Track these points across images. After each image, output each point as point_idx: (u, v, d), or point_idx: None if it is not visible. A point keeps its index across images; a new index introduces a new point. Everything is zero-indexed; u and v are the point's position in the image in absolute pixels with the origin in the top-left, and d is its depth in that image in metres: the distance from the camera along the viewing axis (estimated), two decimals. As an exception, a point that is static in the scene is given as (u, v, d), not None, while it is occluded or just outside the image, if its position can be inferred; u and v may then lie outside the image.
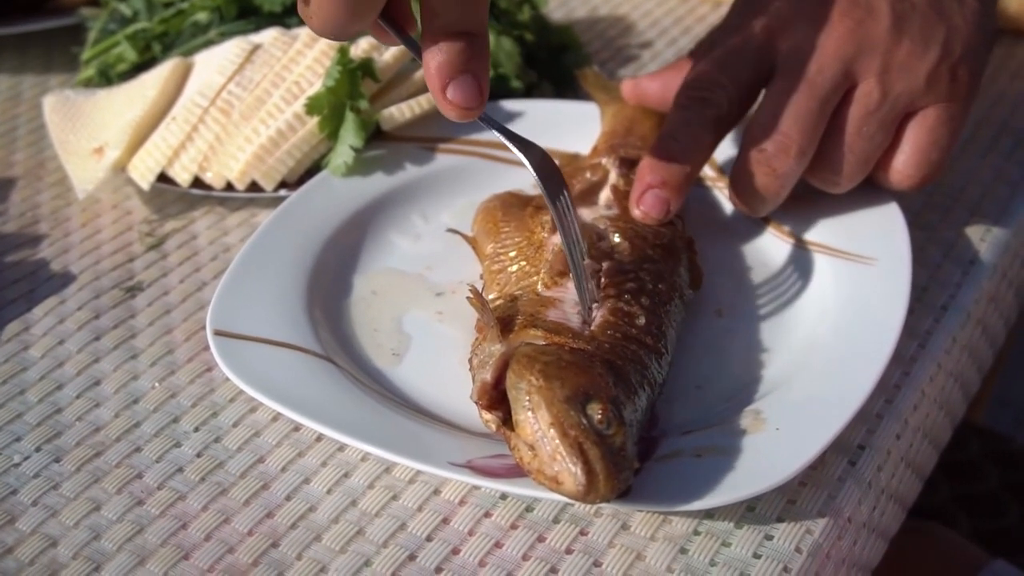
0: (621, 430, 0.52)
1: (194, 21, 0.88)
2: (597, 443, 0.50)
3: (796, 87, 0.65)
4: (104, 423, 0.63)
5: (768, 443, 0.56)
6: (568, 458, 0.50)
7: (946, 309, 0.69)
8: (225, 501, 0.58)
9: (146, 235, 0.78)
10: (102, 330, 0.70)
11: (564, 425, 0.50)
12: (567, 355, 0.54)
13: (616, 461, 0.51)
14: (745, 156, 0.66)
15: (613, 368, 0.55)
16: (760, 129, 0.66)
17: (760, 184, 0.66)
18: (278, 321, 0.64)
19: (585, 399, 0.52)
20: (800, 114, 0.65)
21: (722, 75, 0.68)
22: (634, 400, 0.55)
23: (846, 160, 0.66)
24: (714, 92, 0.68)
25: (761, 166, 0.66)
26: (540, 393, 0.51)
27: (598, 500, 0.50)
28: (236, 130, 0.77)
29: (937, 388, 0.67)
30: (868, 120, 0.65)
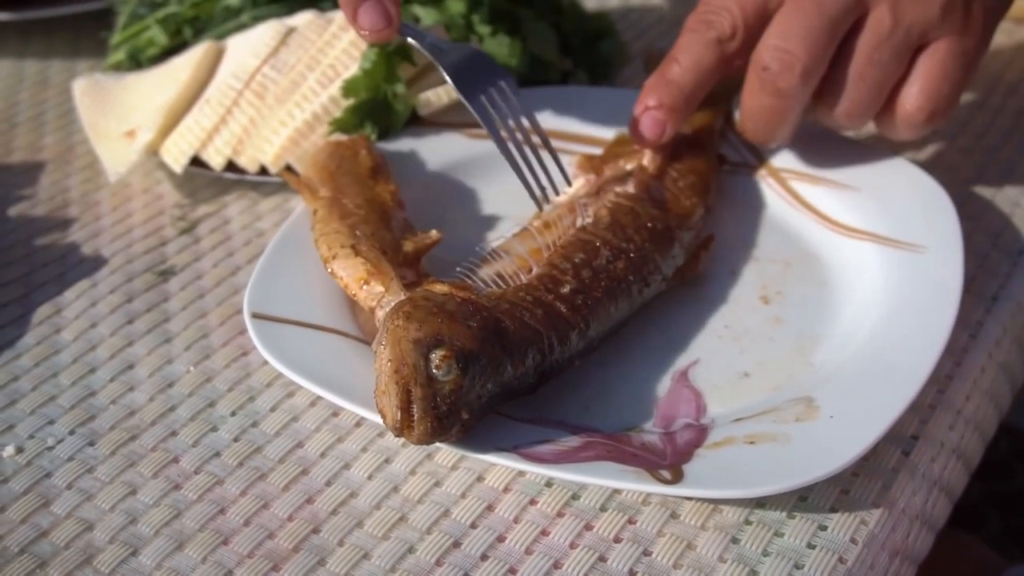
0: (459, 380, 0.52)
1: (226, 5, 0.87)
2: (423, 385, 0.52)
3: (804, 8, 0.64)
4: (139, 407, 0.62)
5: (822, 431, 0.55)
6: (390, 394, 0.52)
7: (996, 299, 0.68)
8: (264, 486, 0.57)
9: (178, 219, 0.76)
10: (135, 313, 0.68)
11: (399, 363, 0.52)
12: (451, 304, 0.54)
13: (438, 407, 0.52)
14: (750, 78, 0.66)
15: (496, 327, 0.55)
16: (765, 48, 0.65)
17: (765, 105, 0.66)
18: (316, 304, 0.63)
19: (434, 344, 0.52)
20: (806, 32, 0.64)
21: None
22: (502, 360, 0.54)
23: (856, 89, 0.66)
24: (719, 14, 0.67)
25: (766, 86, 0.65)
26: (393, 332, 0.53)
27: (413, 440, 0.52)
28: (271, 113, 0.76)
29: (988, 379, 0.66)
30: (880, 48, 0.64)
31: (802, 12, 0.64)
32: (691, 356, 0.62)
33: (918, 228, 0.67)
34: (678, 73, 0.68)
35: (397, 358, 0.52)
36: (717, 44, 0.67)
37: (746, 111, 0.68)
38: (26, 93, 0.92)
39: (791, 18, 0.65)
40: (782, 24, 0.65)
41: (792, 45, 0.64)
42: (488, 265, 0.62)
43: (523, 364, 0.55)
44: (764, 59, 0.65)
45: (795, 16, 0.65)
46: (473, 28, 0.85)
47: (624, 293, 0.62)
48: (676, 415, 0.58)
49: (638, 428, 0.57)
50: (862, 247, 0.68)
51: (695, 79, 0.68)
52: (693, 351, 0.62)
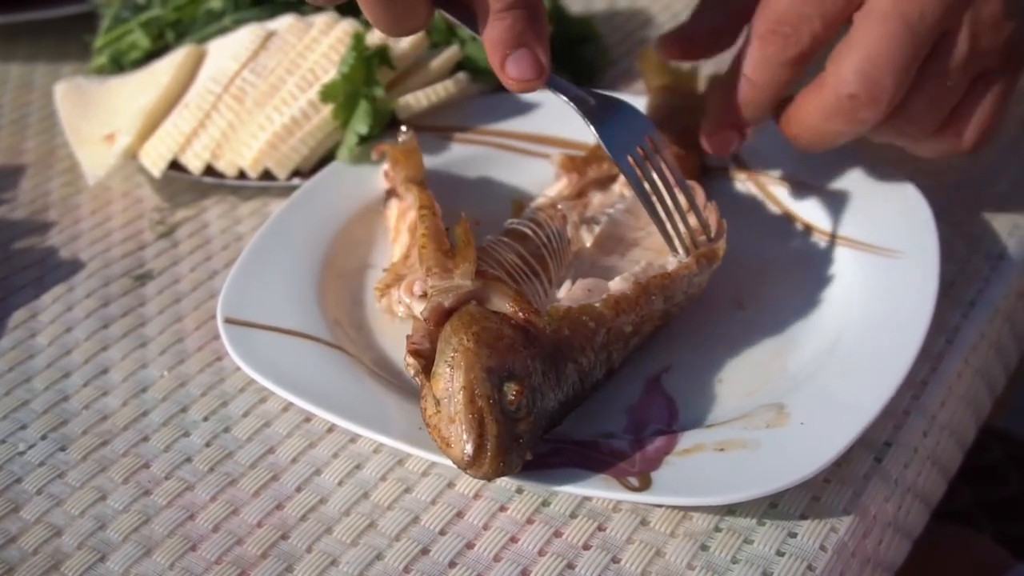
0: (528, 418, 0.51)
1: (208, 9, 0.86)
2: (499, 421, 0.50)
3: (895, 32, 0.59)
4: (112, 411, 0.62)
5: (792, 438, 0.54)
6: (465, 425, 0.50)
7: (974, 304, 0.68)
8: (234, 492, 0.57)
9: (157, 223, 0.76)
10: (111, 318, 0.68)
11: (475, 392, 0.50)
12: (508, 330, 0.53)
13: (510, 445, 0.50)
14: (827, 99, 0.61)
15: (552, 359, 0.53)
16: (853, 73, 0.60)
17: (840, 132, 0.63)
18: (289, 309, 0.63)
19: (507, 376, 0.51)
20: (897, 61, 0.59)
21: (808, 6, 0.62)
22: (556, 396, 0.53)
23: (926, 112, 0.62)
24: (800, 28, 0.62)
25: (846, 113, 0.61)
26: (466, 354, 0.51)
27: (478, 476, 0.50)
28: (249, 117, 0.76)
29: (964, 385, 0.65)
30: (955, 74, 0.61)
31: (893, 38, 0.59)
32: (664, 361, 0.62)
33: (895, 233, 0.67)
34: (753, 95, 0.64)
35: (470, 386, 0.50)
36: (797, 62, 0.62)
37: (812, 129, 0.63)
38: (9, 96, 0.92)
39: (881, 42, 0.59)
40: (870, 46, 0.60)
41: (882, 75, 0.60)
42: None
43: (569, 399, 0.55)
44: (851, 86, 0.60)
45: (885, 41, 0.59)
46: (455, 33, 0.85)
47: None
48: (648, 421, 0.58)
49: (609, 434, 0.57)
50: (839, 252, 0.67)
51: (771, 98, 0.64)
52: (667, 356, 0.62)
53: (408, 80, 0.78)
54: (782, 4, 0.62)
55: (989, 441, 1.16)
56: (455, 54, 0.80)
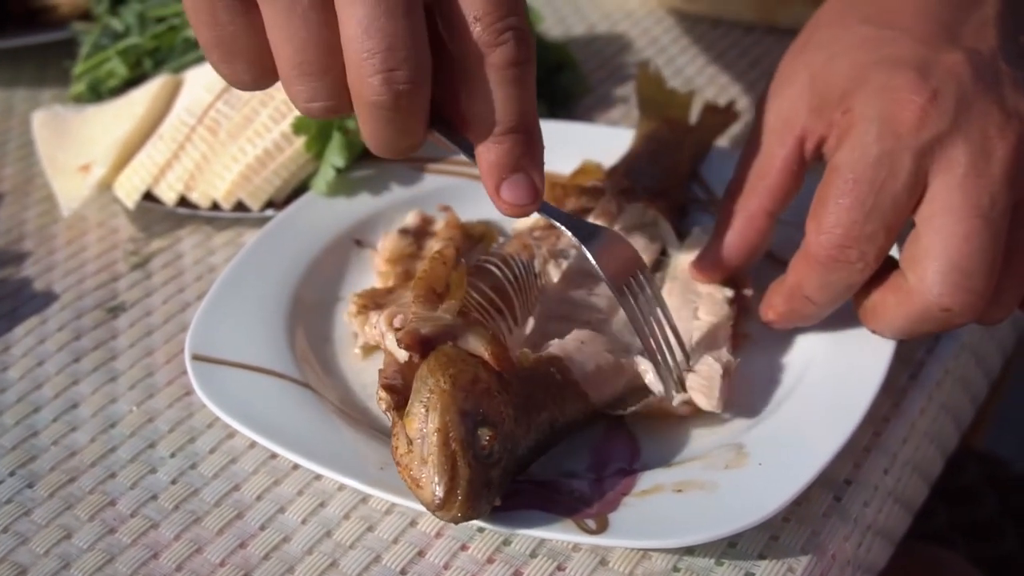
0: (500, 464, 0.51)
1: (185, 37, 0.87)
2: (472, 466, 0.50)
3: (975, 229, 0.54)
4: (80, 447, 0.62)
5: (750, 479, 0.55)
6: (437, 467, 0.50)
7: (938, 339, 0.68)
8: (198, 530, 0.57)
9: (131, 254, 0.77)
10: (82, 351, 0.69)
11: (449, 435, 0.50)
12: (484, 374, 0.53)
13: (480, 491, 0.50)
14: (919, 308, 0.56)
15: (524, 407, 0.54)
16: (940, 284, 0.55)
17: (924, 330, 0.59)
18: (257, 346, 0.63)
19: (481, 421, 0.51)
20: (987, 264, 0.55)
21: (869, 223, 0.56)
22: (527, 442, 0.54)
23: (1010, 293, 0.57)
24: (866, 251, 0.56)
25: (939, 323, 0.57)
26: (442, 396, 0.51)
27: (447, 519, 0.51)
28: (223, 149, 0.77)
29: (928, 420, 0.66)
30: None
31: (974, 237, 0.54)
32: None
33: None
34: (813, 312, 0.60)
35: (444, 429, 0.50)
36: (861, 283, 0.58)
37: (900, 330, 0.59)
38: (-11, 123, 0.93)
39: (963, 246, 0.54)
40: (952, 251, 0.55)
41: (974, 283, 0.55)
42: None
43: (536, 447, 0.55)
44: (943, 299, 0.55)
45: (967, 244, 0.54)
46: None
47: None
48: (610, 459, 0.59)
49: (571, 472, 0.58)
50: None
51: (832, 308, 0.60)
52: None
53: (381, 111, 0.79)
54: (838, 220, 0.56)
55: (967, 461, 1.16)
56: (428, 85, 0.81)
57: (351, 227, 0.74)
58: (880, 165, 0.56)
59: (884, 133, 0.56)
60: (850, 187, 0.56)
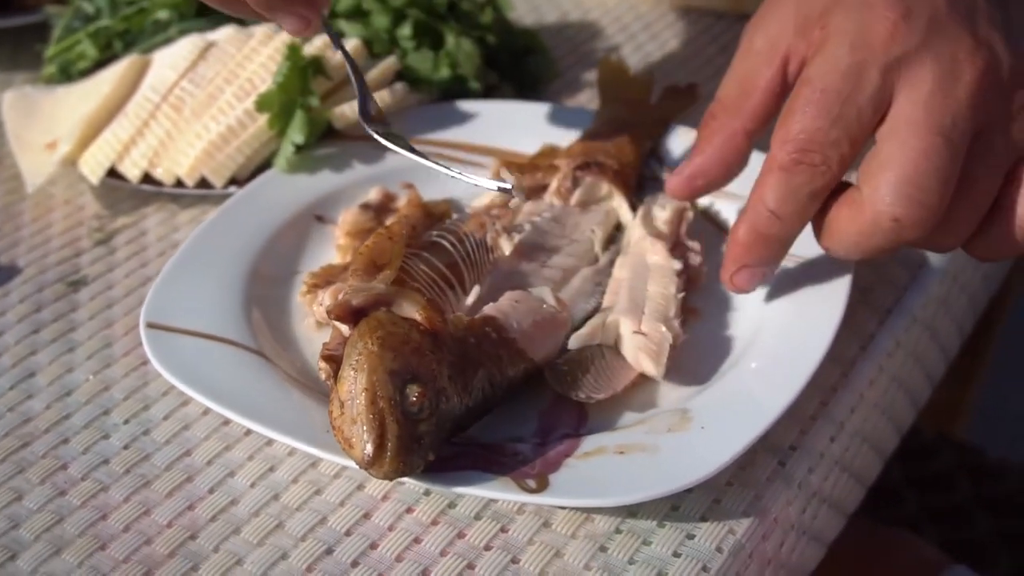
0: (430, 419, 0.52)
1: (155, 19, 0.88)
2: (400, 422, 0.51)
3: (934, 148, 0.55)
4: (35, 414, 0.63)
5: (691, 441, 0.55)
6: (366, 425, 0.51)
7: (891, 311, 0.69)
8: (147, 493, 0.58)
9: (95, 230, 0.77)
10: (42, 323, 0.69)
11: (376, 394, 0.51)
12: (416, 335, 0.53)
13: (410, 445, 0.51)
14: (869, 220, 0.56)
15: (460, 365, 0.55)
16: (896, 195, 0.55)
17: (879, 249, 0.58)
18: (212, 315, 0.64)
19: (411, 379, 0.52)
20: (939, 177, 0.55)
21: (834, 130, 0.56)
22: (464, 400, 0.55)
23: (967, 220, 0.57)
24: (828, 154, 0.57)
25: (887, 235, 0.56)
26: (369, 357, 0.52)
27: (379, 475, 0.52)
28: (187, 126, 0.77)
29: (879, 392, 0.66)
30: (992, 171, 0.57)
31: (931, 153, 0.55)
32: (577, 367, 0.63)
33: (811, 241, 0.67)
34: (779, 230, 0.59)
35: (372, 388, 0.51)
36: (824, 191, 0.58)
37: (851, 245, 0.58)
38: (-38, 105, 0.94)
39: (919, 160, 0.55)
40: (907, 165, 0.55)
41: (926, 196, 0.55)
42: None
43: (478, 402, 0.56)
44: (894, 209, 0.55)
45: (923, 158, 0.55)
46: (397, 42, 0.86)
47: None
48: (556, 426, 0.59)
49: (517, 438, 0.58)
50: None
51: (797, 230, 0.60)
52: (580, 362, 0.63)
53: (345, 90, 0.80)
54: (803, 127, 0.57)
55: (941, 448, 1.16)
56: (393, 64, 0.82)
57: (312, 203, 0.75)
58: (848, 76, 0.56)
59: (855, 46, 0.56)
60: (817, 96, 0.57)
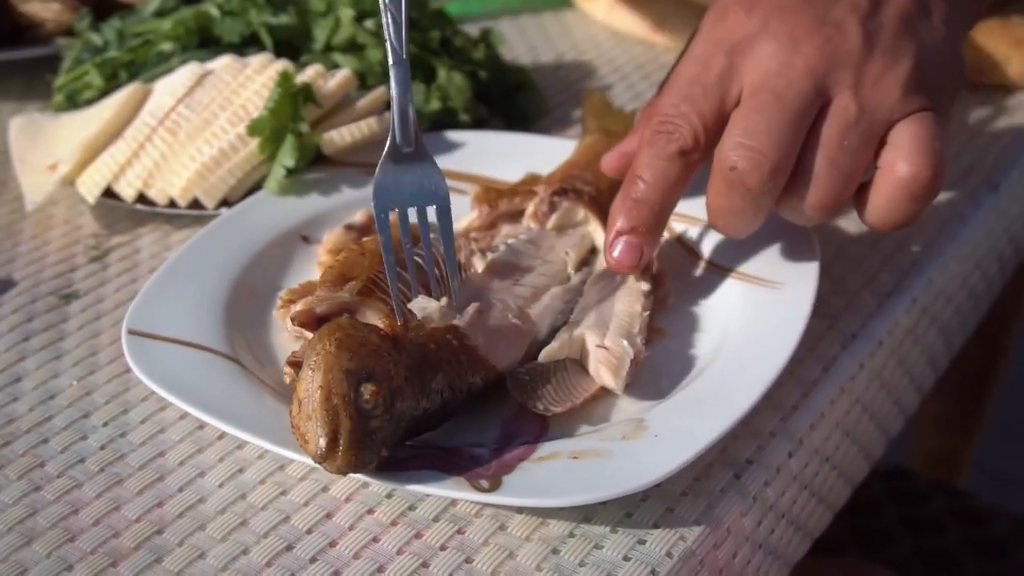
0: (385, 417, 0.54)
1: (159, 51, 0.91)
2: (353, 418, 0.53)
3: (765, 104, 0.62)
4: (18, 415, 0.65)
5: (644, 448, 0.57)
6: (319, 420, 0.53)
7: (855, 337, 0.70)
8: (119, 491, 0.60)
9: (91, 248, 0.80)
10: (32, 332, 0.72)
11: (331, 391, 0.53)
12: (375, 339, 0.56)
13: (363, 440, 0.53)
14: (717, 178, 0.63)
15: (418, 368, 0.56)
16: (730, 148, 0.62)
17: (736, 205, 0.63)
18: (192, 324, 0.66)
19: (365, 378, 0.54)
20: (771, 129, 0.62)
21: (684, 104, 0.65)
22: (422, 402, 0.56)
23: (829, 177, 0.63)
24: (677, 123, 0.64)
25: (734, 186, 0.63)
26: (326, 357, 0.54)
27: (333, 469, 0.54)
28: (181, 149, 0.80)
29: (841, 412, 0.67)
30: (848, 133, 0.62)
31: (763, 108, 0.62)
32: (542, 380, 0.64)
33: (779, 266, 0.69)
34: (644, 191, 0.65)
35: (327, 386, 0.53)
36: (680, 155, 0.64)
37: (715, 211, 0.65)
38: (-26, 131, 0.97)
39: (752, 115, 0.62)
40: (744, 122, 0.62)
41: (758, 142, 0.62)
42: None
43: (437, 405, 0.58)
44: (730, 159, 0.62)
45: (756, 113, 0.62)
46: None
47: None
48: (518, 435, 0.61)
49: (478, 444, 0.60)
50: (728, 284, 0.70)
51: (663, 195, 0.65)
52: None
53: (335, 118, 0.82)
54: (662, 104, 0.66)
55: (932, 493, 1.17)
56: (382, 95, 0.84)
57: (299, 224, 0.77)
58: (698, 62, 0.66)
59: (707, 39, 0.66)
60: (673, 81, 0.67)
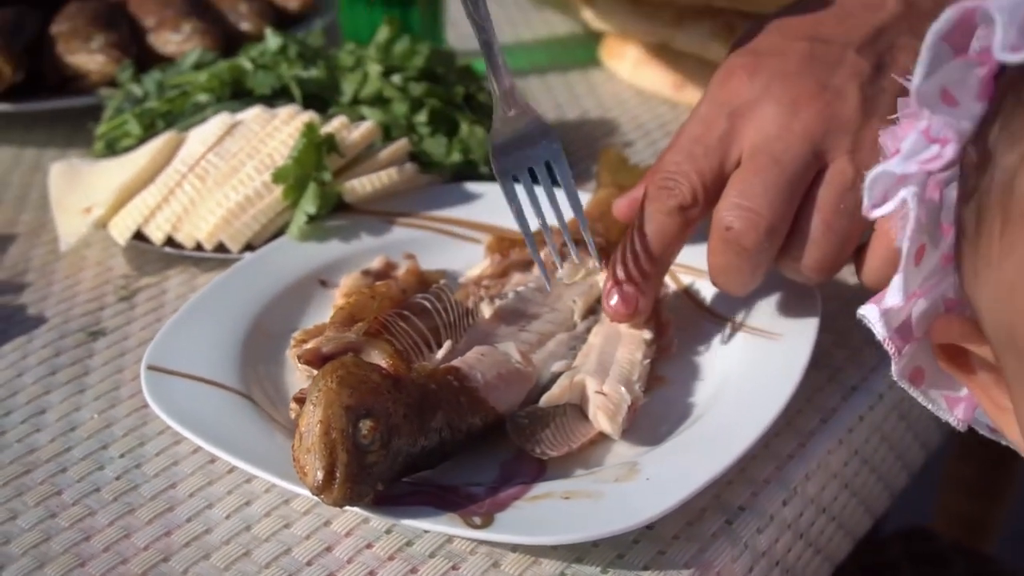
0: (382, 452, 0.56)
1: (194, 101, 0.95)
2: (350, 451, 0.55)
3: (763, 166, 0.64)
4: (40, 445, 0.68)
5: (635, 491, 0.58)
6: (318, 454, 0.55)
7: (856, 389, 0.71)
8: (130, 519, 0.62)
9: (120, 288, 0.83)
10: (59, 366, 0.75)
11: (330, 426, 0.55)
12: (377, 377, 0.58)
13: (359, 474, 0.55)
14: (715, 237, 0.66)
15: (419, 406, 0.58)
16: (727, 207, 0.65)
17: (733, 264, 0.66)
18: (209, 361, 0.69)
19: (364, 414, 0.56)
20: (767, 188, 0.64)
21: (685, 162, 0.67)
22: (420, 440, 0.58)
23: (826, 240, 0.65)
24: (677, 180, 0.67)
25: (730, 245, 0.65)
26: (327, 393, 0.56)
27: (329, 501, 0.56)
28: (209, 195, 0.84)
29: (839, 463, 0.68)
30: (844, 196, 0.64)
31: (761, 169, 0.64)
32: (543, 424, 0.66)
33: (780, 318, 0.71)
34: (642, 245, 0.67)
35: (327, 420, 0.56)
36: (679, 211, 0.67)
37: (714, 269, 0.67)
38: (18, 175, 1.01)
39: (750, 177, 0.64)
40: (742, 182, 0.65)
41: (754, 202, 0.64)
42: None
43: (435, 444, 0.60)
44: (726, 218, 0.64)
45: (754, 175, 0.64)
46: (414, 128, 0.92)
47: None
48: (515, 476, 0.62)
49: (476, 484, 0.61)
50: (728, 333, 0.72)
51: (660, 248, 0.67)
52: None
53: (358, 167, 0.85)
54: (664, 162, 0.68)
55: (955, 558, 1.16)
56: (403, 146, 0.87)
57: (318, 268, 0.80)
58: (701, 123, 0.68)
59: (713, 101, 0.68)
60: (677, 139, 0.69)
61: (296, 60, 0.96)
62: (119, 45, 1.06)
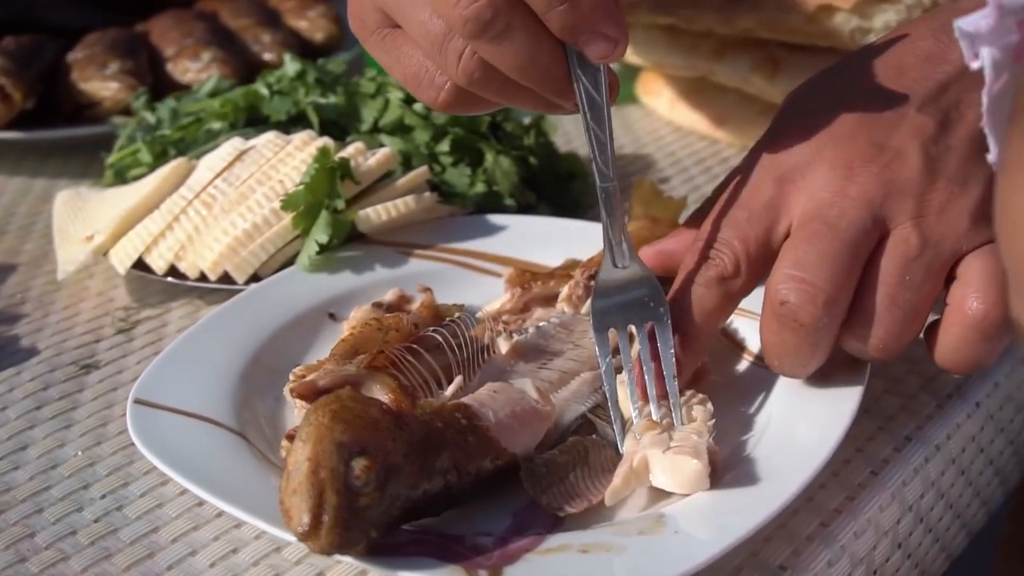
0: (376, 495, 0.50)
1: (208, 128, 0.91)
2: (340, 493, 0.49)
3: (816, 234, 0.58)
4: (17, 484, 0.63)
5: (661, 546, 0.52)
6: (305, 495, 0.49)
7: (910, 440, 0.65)
8: (106, 566, 0.57)
9: (120, 320, 0.79)
10: (46, 400, 0.70)
11: (319, 464, 0.49)
12: (376, 412, 0.51)
13: (350, 520, 0.49)
14: (767, 314, 0.59)
15: (422, 446, 0.52)
16: (780, 280, 0.58)
17: (790, 343, 0.59)
18: (200, 396, 0.63)
19: (358, 452, 0.49)
20: (824, 260, 0.57)
21: (727, 229, 0.61)
22: (423, 483, 0.52)
23: (891, 315, 0.58)
24: (719, 251, 0.61)
25: (786, 322, 0.58)
26: (318, 429, 0.50)
27: (316, 549, 0.49)
28: (215, 223, 0.79)
29: (891, 520, 0.62)
30: (909, 267, 0.58)
31: (815, 238, 0.58)
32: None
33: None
34: (681, 318, 0.61)
35: (316, 458, 0.50)
36: (719, 283, 0.61)
37: (769, 350, 0.60)
38: (26, 205, 0.97)
39: (803, 246, 0.58)
40: (794, 253, 0.59)
41: (810, 273, 0.57)
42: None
43: (440, 487, 0.54)
44: (781, 292, 0.58)
45: (807, 243, 0.58)
46: (436, 158, 0.87)
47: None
48: (530, 526, 0.56)
49: (487, 533, 0.55)
50: (774, 380, 0.65)
51: (699, 322, 0.61)
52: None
53: (374, 196, 0.80)
54: (706, 229, 0.62)
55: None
56: (422, 173, 0.82)
57: (327, 301, 0.75)
58: (748, 188, 0.62)
59: (758, 164, 0.62)
60: (720, 206, 0.63)
61: (314, 86, 0.92)
62: (134, 72, 1.02)
